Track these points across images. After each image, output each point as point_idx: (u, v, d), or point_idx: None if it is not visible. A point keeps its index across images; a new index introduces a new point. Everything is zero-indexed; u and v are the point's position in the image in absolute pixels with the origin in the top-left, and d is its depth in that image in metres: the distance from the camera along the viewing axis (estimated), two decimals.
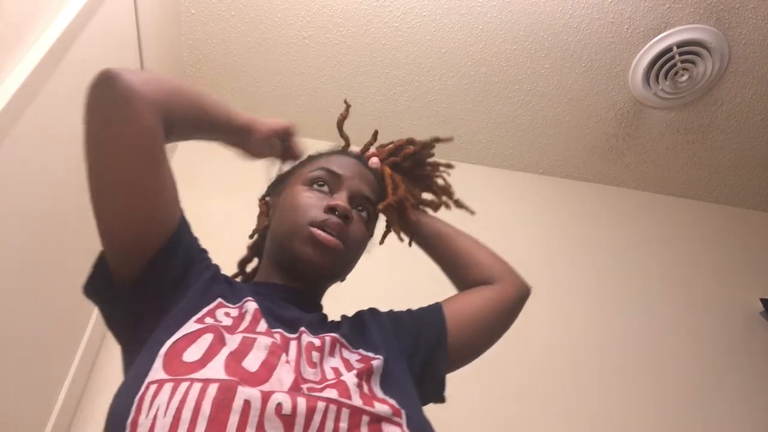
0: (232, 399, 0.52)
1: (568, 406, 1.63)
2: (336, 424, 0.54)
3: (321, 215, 0.75)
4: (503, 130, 2.09)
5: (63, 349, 1.27)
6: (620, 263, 2.00)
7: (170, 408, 0.51)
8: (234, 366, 0.57)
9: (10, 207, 1.00)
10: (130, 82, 0.62)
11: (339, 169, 0.82)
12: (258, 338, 0.62)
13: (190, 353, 0.58)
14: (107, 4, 1.26)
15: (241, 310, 0.68)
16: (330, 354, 0.67)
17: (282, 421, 0.52)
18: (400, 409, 0.60)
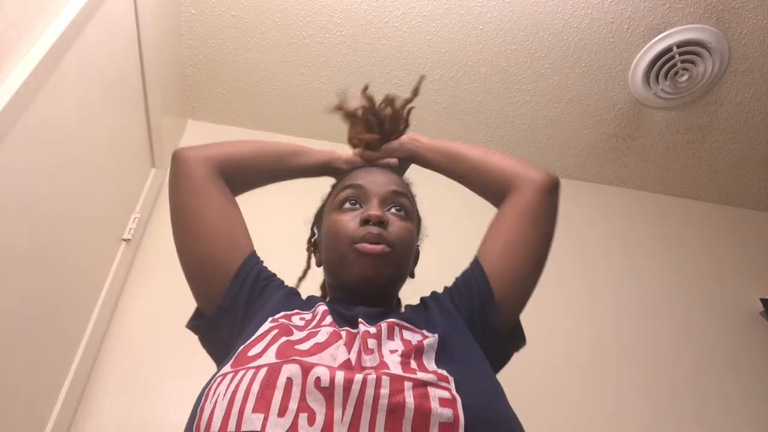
0: (277, 377, 0.58)
1: (566, 405, 1.63)
2: (377, 391, 0.56)
3: (359, 230, 0.80)
4: (503, 130, 2.08)
5: (63, 349, 1.27)
6: (620, 263, 2.00)
7: (228, 392, 0.58)
8: (285, 350, 0.62)
9: (10, 207, 1.00)
10: (183, 150, 0.86)
11: (361, 180, 0.87)
12: (321, 329, 0.69)
13: (254, 349, 0.64)
14: (107, 4, 1.26)
15: (314, 313, 0.75)
16: (389, 338, 0.69)
17: (322, 393, 0.56)
18: (448, 376, 0.61)
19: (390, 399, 0.56)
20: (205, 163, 0.85)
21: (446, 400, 0.57)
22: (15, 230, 1.02)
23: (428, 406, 0.56)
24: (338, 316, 0.75)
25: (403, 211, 0.86)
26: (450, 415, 0.56)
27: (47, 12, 1.07)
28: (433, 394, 0.57)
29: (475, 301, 0.80)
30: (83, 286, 1.33)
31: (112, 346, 1.43)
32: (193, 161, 0.85)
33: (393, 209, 0.85)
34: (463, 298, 0.81)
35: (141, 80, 1.53)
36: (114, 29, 1.34)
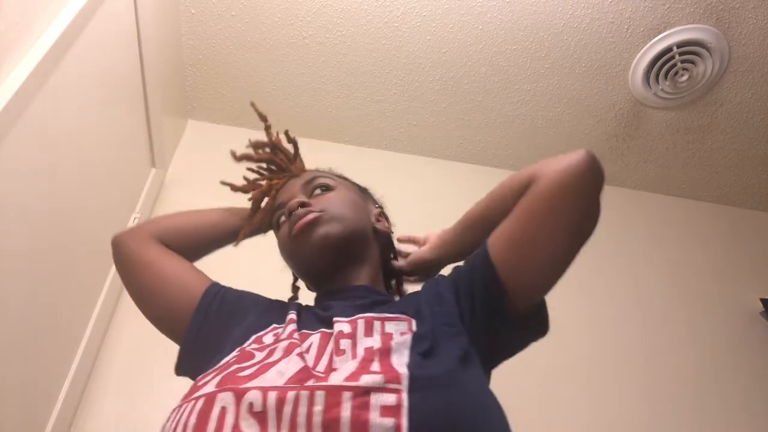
0: (211, 408, 0.55)
1: (566, 405, 1.63)
2: (310, 409, 0.53)
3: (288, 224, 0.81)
4: (503, 130, 2.08)
5: (63, 349, 1.27)
6: (620, 263, 2.00)
7: (170, 427, 0.58)
8: (227, 378, 0.60)
9: (10, 207, 1.00)
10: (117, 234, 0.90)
11: (280, 199, 0.88)
12: (278, 345, 0.66)
13: (205, 379, 0.63)
14: (107, 4, 1.26)
15: (285, 325, 0.73)
16: (366, 334, 0.65)
17: (255, 418, 0.54)
18: (400, 374, 0.55)
19: (324, 416, 0.52)
20: (138, 236, 0.88)
21: (389, 407, 0.52)
22: (15, 230, 1.02)
23: (366, 419, 0.51)
24: (316, 319, 0.73)
25: (325, 187, 0.85)
26: (391, 425, 0.51)
27: (47, 12, 1.07)
28: (375, 401, 0.53)
29: (477, 285, 0.71)
30: (83, 286, 1.33)
31: (112, 346, 1.43)
32: (126, 237, 0.89)
33: (316, 191, 0.85)
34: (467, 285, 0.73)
35: (141, 80, 1.53)
36: (114, 29, 1.34)
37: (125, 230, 0.91)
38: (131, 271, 0.87)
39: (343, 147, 2.06)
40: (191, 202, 0.97)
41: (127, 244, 0.88)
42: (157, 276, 0.84)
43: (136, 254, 0.87)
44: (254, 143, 0.96)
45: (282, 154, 0.97)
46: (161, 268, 0.85)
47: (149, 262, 0.85)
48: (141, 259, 0.86)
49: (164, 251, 0.87)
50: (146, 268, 0.85)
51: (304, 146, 1.00)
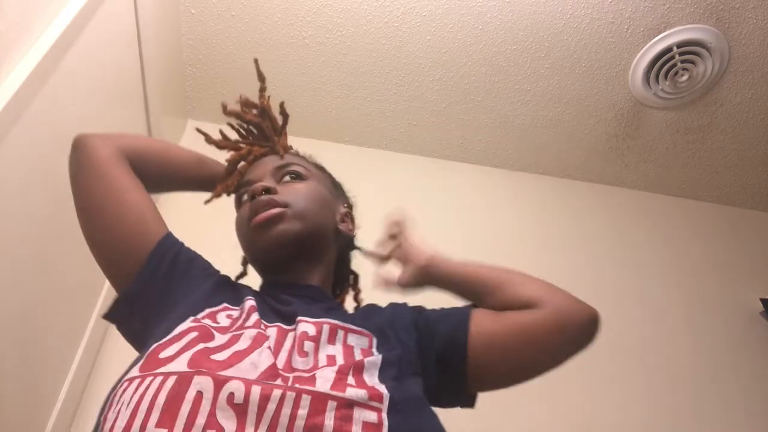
0: (186, 389, 0.53)
1: (566, 405, 1.63)
2: (294, 411, 0.52)
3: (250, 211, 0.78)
4: (503, 130, 2.08)
5: (63, 349, 1.27)
6: (620, 263, 2.00)
7: (132, 401, 0.53)
8: (199, 358, 0.57)
9: (10, 207, 1.00)
10: (85, 135, 0.82)
11: (249, 175, 0.86)
12: (245, 332, 0.63)
13: (167, 351, 0.59)
14: (107, 4, 1.26)
15: (242, 309, 0.70)
16: (329, 342, 0.66)
17: (234, 410, 0.52)
18: (383, 393, 0.56)
19: (307, 421, 0.52)
20: (109, 146, 0.80)
21: (371, 425, 0.53)
22: (15, 230, 1.02)
23: (348, 431, 0.52)
24: (271, 312, 0.71)
25: (297, 176, 0.83)
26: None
27: (47, 12, 1.07)
28: (358, 416, 0.53)
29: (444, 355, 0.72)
30: (83, 285, 1.33)
31: (112, 346, 1.43)
32: (96, 143, 0.80)
33: (286, 177, 0.83)
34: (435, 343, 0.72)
35: (141, 80, 1.53)
36: (114, 29, 1.34)
37: (93, 133, 0.82)
38: (92, 184, 0.78)
39: (343, 147, 2.06)
40: (191, 202, 0.97)
41: (96, 151, 0.79)
42: (119, 202, 0.76)
43: (104, 166, 0.78)
44: (244, 100, 0.94)
45: (269, 122, 0.93)
46: (125, 195, 0.77)
47: (115, 181, 0.77)
48: (107, 175, 0.77)
49: (132, 175, 0.80)
50: (110, 187, 0.77)
51: (304, 146, 1.00)
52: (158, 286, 0.74)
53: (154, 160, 0.86)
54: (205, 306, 0.70)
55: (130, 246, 0.75)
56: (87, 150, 0.79)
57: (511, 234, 1.95)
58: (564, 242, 2.00)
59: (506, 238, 1.94)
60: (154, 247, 0.75)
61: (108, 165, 0.78)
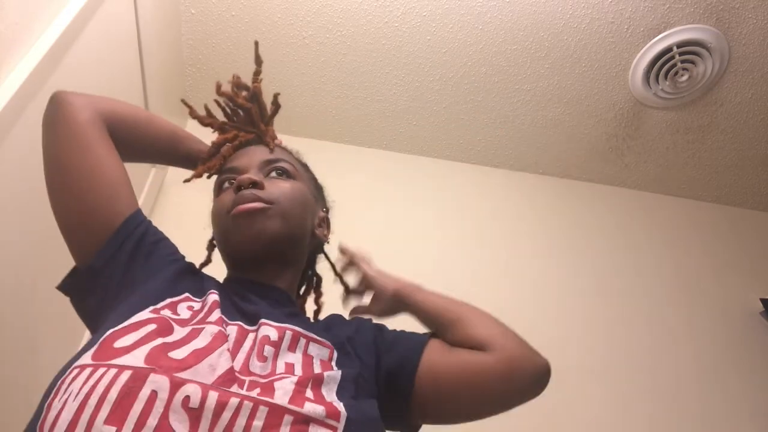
0: (141, 387, 0.51)
1: (566, 405, 1.63)
2: (249, 422, 0.51)
3: (232, 200, 0.75)
4: (503, 130, 2.08)
5: (63, 349, 1.27)
6: (620, 263, 2.00)
7: (81, 392, 0.51)
8: (157, 355, 0.55)
9: (11, 207, 1.00)
10: (64, 92, 0.77)
11: (235, 162, 0.83)
12: (206, 327, 0.62)
13: (123, 341, 0.57)
14: (107, 4, 1.26)
15: (204, 302, 0.68)
16: (290, 349, 0.65)
17: (188, 414, 0.50)
18: (341, 412, 0.55)
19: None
20: (90, 108, 0.76)
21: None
22: (15, 230, 1.02)
23: None
24: (234, 309, 0.69)
25: (284, 173, 0.81)
26: None
27: (47, 12, 1.07)
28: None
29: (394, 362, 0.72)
30: None
31: None
32: (77, 104, 0.75)
33: (273, 173, 0.80)
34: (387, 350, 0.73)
35: (141, 80, 1.53)
36: (114, 29, 1.34)
37: (74, 92, 0.78)
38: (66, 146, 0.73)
39: (343, 147, 2.06)
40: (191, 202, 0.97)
41: (76, 113, 0.75)
42: (93, 168, 0.73)
43: (81, 129, 0.74)
44: (236, 81, 0.90)
45: (258, 107, 0.90)
46: (100, 162, 0.74)
47: (91, 148, 0.74)
48: (84, 139, 0.74)
49: (109, 143, 0.76)
50: (85, 152, 0.73)
51: (304, 146, 1.00)
52: (120, 265, 0.71)
53: (134, 128, 0.82)
54: (166, 295, 0.67)
55: (97, 217, 0.72)
56: (65, 109, 0.75)
57: (511, 234, 1.95)
58: (564, 242, 2.00)
59: (506, 239, 1.94)
60: (122, 222, 0.72)
61: (86, 129, 0.74)
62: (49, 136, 0.75)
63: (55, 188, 0.74)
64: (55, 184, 0.74)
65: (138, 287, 0.69)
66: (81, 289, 0.74)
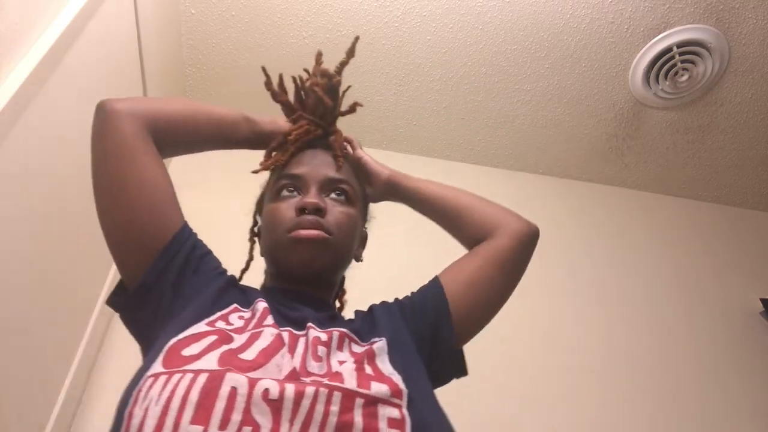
0: (219, 386, 0.53)
1: (566, 405, 1.63)
2: (327, 408, 0.54)
3: (294, 219, 0.76)
4: (503, 130, 2.08)
5: (63, 349, 1.27)
6: (620, 263, 2.00)
7: (161, 398, 0.53)
8: (228, 358, 0.58)
9: (11, 207, 1.00)
10: (110, 102, 0.75)
11: (298, 169, 0.83)
12: (264, 330, 0.64)
13: (189, 349, 0.59)
14: (107, 4, 1.26)
15: (253, 311, 0.70)
16: (338, 348, 0.67)
17: (269, 406, 0.52)
18: (402, 389, 0.58)
19: (339, 417, 0.53)
20: (135, 118, 0.75)
21: (395, 420, 0.55)
22: (15, 230, 1.02)
23: (376, 427, 0.54)
24: (280, 316, 0.71)
25: (344, 195, 0.82)
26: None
27: (47, 12, 1.07)
28: (382, 413, 0.55)
29: (429, 317, 0.78)
30: (83, 285, 1.33)
31: (112, 345, 1.43)
32: (121, 115, 0.74)
33: (333, 194, 0.81)
34: (417, 313, 0.78)
35: (141, 80, 1.53)
36: (114, 29, 1.34)
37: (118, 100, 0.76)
38: (115, 160, 0.73)
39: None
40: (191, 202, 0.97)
41: (121, 125, 0.74)
42: (142, 184, 0.73)
43: (128, 141, 0.73)
44: (322, 70, 0.93)
45: (331, 101, 0.91)
46: (149, 177, 0.73)
47: (137, 159, 0.73)
48: (131, 151, 0.73)
49: (154, 151, 0.75)
50: (133, 166, 0.73)
51: None
52: (170, 280, 0.72)
53: (181, 126, 0.81)
54: (216, 309, 0.69)
55: (146, 234, 0.72)
56: (110, 121, 0.74)
57: None
58: (564, 242, 2.00)
59: None
60: (171, 238, 0.73)
61: (132, 141, 0.73)
62: (97, 150, 0.75)
63: (103, 204, 0.74)
64: (104, 199, 0.74)
65: (189, 301, 0.70)
66: (132, 306, 0.74)
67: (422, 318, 0.78)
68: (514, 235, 0.86)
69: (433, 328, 0.77)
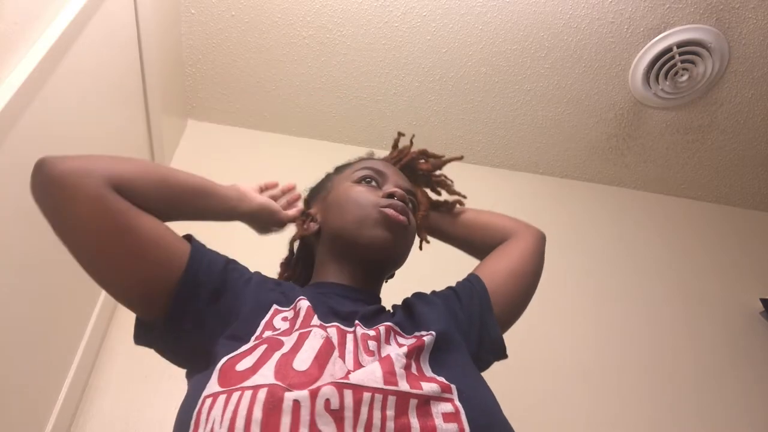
0: (282, 401, 0.53)
1: (566, 405, 1.63)
2: (383, 413, 0.55)
3: (383, 200, 0.80)
4: (503, 130, 2.08)
5: (63, 349, 1.27)
6: (620, 263, 2.00)
7: (225, 419, 0.52)
8: (284, 369, 0.57)
9: (11, 207, 1.00)
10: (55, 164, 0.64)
11: (382, 167, 0.88)
12: (313, 330, 0.64)
13: (243, 363, 0.59)
14: (107, 4, 1.26)
15: (295, 309, 0.70)
16: (386, 342, 0.68)
17: (332, 416, 0.53)
18: (450, 385, 0.60)
19: (396, 421, 0.55)
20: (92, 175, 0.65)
21: (449, 414, 0.57)
22: (15, 230, 1.02)
23: (432, 425, 0.55)
24: (328, 311, 0.71)
25: (413, 206, 0.88)
26: (455, 430, 0.55)
27: (47, 12, 1.07)
28: (436, 410, 0.57)
29: (476, 311, 0.81)
30: (83, 285, 1.32)
31: (112, 346, 1.43)
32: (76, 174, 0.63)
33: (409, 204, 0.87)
34: (464, 306, 0.81)
35: (141, 80, 1.53)
36: (114, 29, 1.34)
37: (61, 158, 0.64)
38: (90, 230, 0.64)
39: (343, 147, 2.06)
40: None
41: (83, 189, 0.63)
42: (130, 243, 0.65)
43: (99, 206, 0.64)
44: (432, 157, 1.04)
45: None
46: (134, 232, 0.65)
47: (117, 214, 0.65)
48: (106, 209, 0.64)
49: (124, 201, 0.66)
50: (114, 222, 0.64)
51: (304, 146, 1.00)
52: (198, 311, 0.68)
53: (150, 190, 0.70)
54: (257, 319, 0.68)
55: (153, 286, 0.67)
56: (68, 189, 0.63)
57: None
58: (564, 242, 2.00)
59: None
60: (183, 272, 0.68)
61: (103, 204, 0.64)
62: (62, 221, 0.65)
63: (94, 272, 0.67)
64: (93, 268, 0.66)
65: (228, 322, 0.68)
66: (164, 341, 0.71)
67: (470, 314, 0.80)
68: (537, 235, 0.96)
69: (481, 323, 0.80)
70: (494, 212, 1.01)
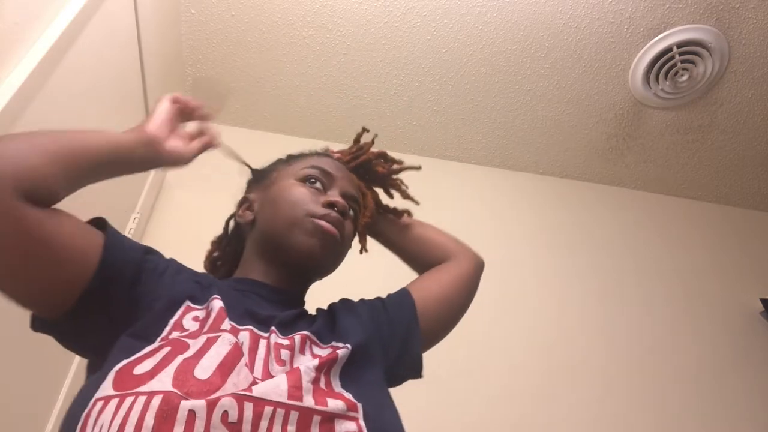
0: (176, 409, 0.50)
1: (567, 406, 1.63)
2: (284, 428, 0.53)
3: (320, 209, 0.77)
4: (503, 130, 2.08)
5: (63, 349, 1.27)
6: (620, 263, 2.00)
7: (114, 425, 0.50)
8: (183, 375, 0.54)
9: None
10: None
11: (331, 169, 0.85)
12: (222, 335, 0.61)
13: (141, 367, 0.56)
14: (107, 4, 1.26)
15: (207, 309, 0.67)
16: (301, 352, 0.66)
17: (229, 429, 0.51)
18: (356, 403, 0.59)
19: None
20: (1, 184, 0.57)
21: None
22: None
23: None
24: (244, 312, 0.68)
25: (354, 213, 0.86)
26: None
27: (47, 12, 1.07)
28: (340, 428, 0.55)
29: (401, 326, 0.80)
30: None
31: None
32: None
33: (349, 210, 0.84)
34: (391, 319, 0.80)
35: (141, 80, 1.53)
36: (114, 29, 1.34)
37: None
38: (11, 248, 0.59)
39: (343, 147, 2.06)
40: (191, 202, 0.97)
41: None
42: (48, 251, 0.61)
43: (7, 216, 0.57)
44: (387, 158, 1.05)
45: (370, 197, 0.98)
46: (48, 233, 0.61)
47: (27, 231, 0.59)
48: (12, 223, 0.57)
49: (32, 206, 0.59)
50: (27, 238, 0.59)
51: (304, 146, 1.00)
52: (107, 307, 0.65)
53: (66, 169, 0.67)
54: (166, 317, 0.64)
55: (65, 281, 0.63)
56: None
57: (511, 234, 1.95)
58: (564, 242, 2.00)
59: (506, 238, 1.94)
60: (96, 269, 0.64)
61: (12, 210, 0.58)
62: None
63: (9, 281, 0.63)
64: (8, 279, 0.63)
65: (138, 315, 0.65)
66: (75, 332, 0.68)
67: (393, 324, 0.79)
68: (475, 262, 0.97)
69: (404, 337, 0.79)
70: (439, 229, 1.01)
